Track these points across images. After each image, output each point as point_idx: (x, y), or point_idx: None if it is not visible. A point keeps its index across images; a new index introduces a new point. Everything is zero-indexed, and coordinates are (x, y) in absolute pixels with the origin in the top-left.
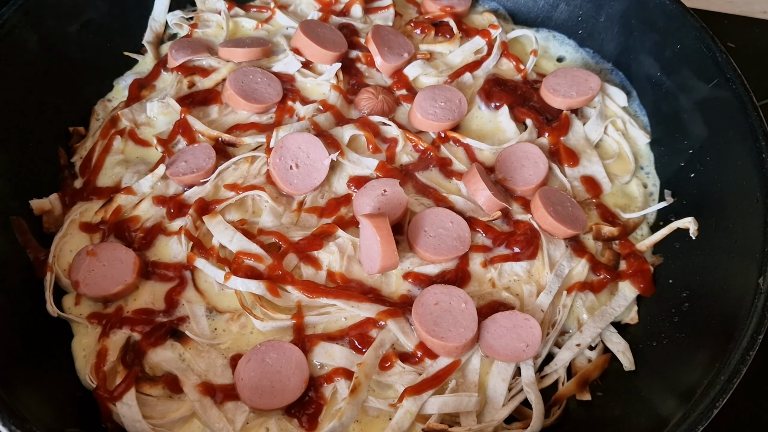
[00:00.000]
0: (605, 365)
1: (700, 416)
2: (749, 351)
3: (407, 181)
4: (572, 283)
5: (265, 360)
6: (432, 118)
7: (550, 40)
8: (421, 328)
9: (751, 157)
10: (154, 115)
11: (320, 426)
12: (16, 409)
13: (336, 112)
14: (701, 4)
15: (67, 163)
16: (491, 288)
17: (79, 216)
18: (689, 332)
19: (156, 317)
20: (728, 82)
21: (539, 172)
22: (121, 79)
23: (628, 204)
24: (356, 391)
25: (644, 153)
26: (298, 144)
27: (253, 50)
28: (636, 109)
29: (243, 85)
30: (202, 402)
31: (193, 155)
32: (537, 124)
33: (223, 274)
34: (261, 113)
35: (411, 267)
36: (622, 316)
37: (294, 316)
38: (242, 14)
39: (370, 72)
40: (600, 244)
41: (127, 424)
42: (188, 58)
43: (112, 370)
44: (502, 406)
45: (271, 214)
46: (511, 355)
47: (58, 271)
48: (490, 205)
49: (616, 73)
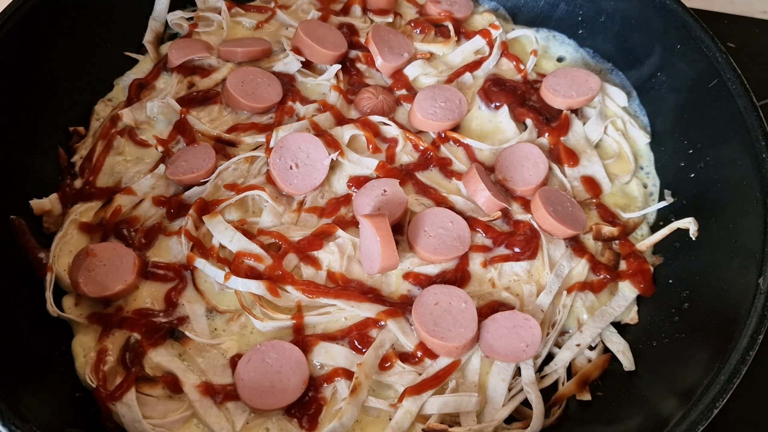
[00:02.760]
0: (605, 365)
1: (700, 416)
2: (749, 351)
3: (407, 181)
4: (572, 283)
5: (265, 360)
6: (432, 118)
7: (550, 40)
8: (421, 328)
9: (750, 157)
10: (154, 115)
11: (320, 426)
12: (16, 409)
13: (336, 112)
14: (701, 4)
15: (67, 163)
16: (491, 288)
17: (79, 216)
18: (689, 332)
19: (156, 317)
20: (728, 82)
21: (539, 172)
22: (121, 79)
23: (628, 204)
24: (356, 392)
25: (644, 153)
26: (298, 144)
27: (253, 50)
28: (636, 109)
29: (243, 85)
30: (202, 402)
31: (193, 155)
32: (537, 124)
33: (223, 274)
34: (261, 113)
35: (411, 267)
36: (622, 316)
37: (294, 316)
38: (242, 14)
39: (370, 72)
40: (600, 244)
41: (127, 424)
42: (188, 58)
43: (112, 370)
44: (502, 406)
45: (271, 214)
46: (511, 355)
47: (58, 271)
48: (489, 206)
49: (616, 73)
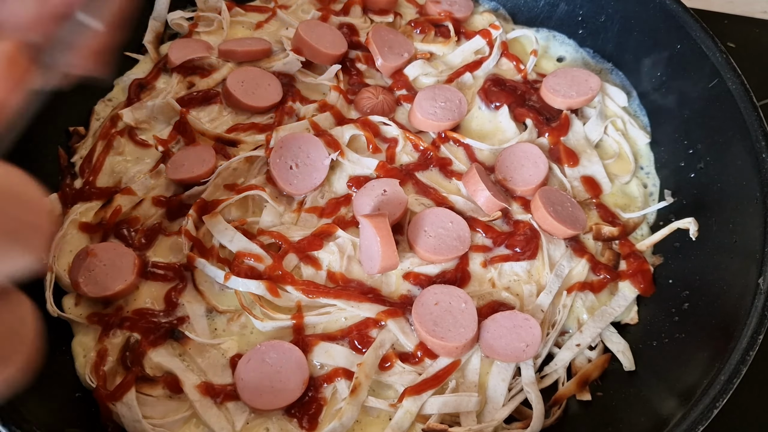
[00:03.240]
0: (605, 365)
1: (700, 416)
2: (749, 351)
3: (407, 181)
4: (572, 283)
5: (265, 360)
6: (432, 118)
7: (550, 40)
8: (421, 328)
9: (750, 157)
10: (154, 115)
11: (320, 426)
12: (16, 409)
13: (336, 112)
14: (701, 4)
15: (67, 163)
16: (491, 288)
17: (78, 216)
18: (689, 332)
19: (156, 317)
20: (728, 82)
21: (539, 172)
22: (121, 79)
23: (628, 204)
24: (356, 392)
25: (644, 153)
26: (298, 144)
27: (253, 50)
28: (636, 109)
29: (243, 85)
30: (202, 402)
31: (193, 155)
32: (537, 124)
33: (223, 274)
34: (261, 113)
35: (411, 267)
36: (622, 316)
37: (294, 316)
38: (242, 14)
39: (370, 72)
40: (600, 244)
41: (127, 424)
42: (188, 58)
43: (112, 370)
44: (502, 406)
45: (271, 214)
46: (511, 355)
47: (58, 271)
48: (489, 206)
49: (616, 73)
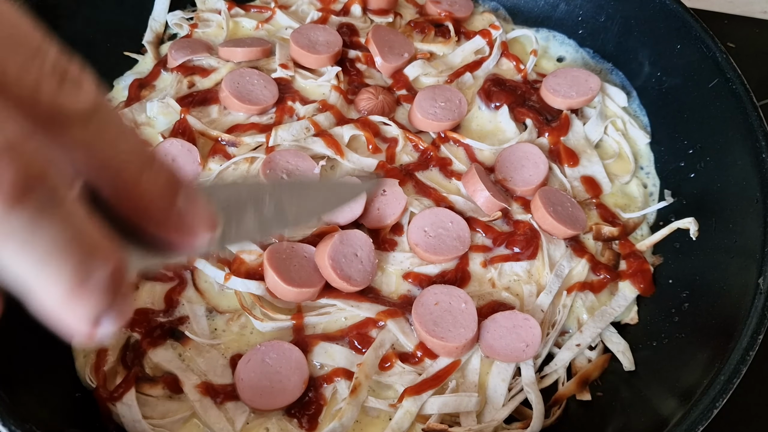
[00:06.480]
0: (605, 365)
1: (700, 416)
2: (749, 351)
3: (407, 181)
4: (572, 283)
5: (265, 360)
6: (432, 118)
7: (550, 40)
8: (421, 328)
9: (751, 157)
10: (154, 115)
11: (320, 426)
12: (16, 409)
13: (336, 112)
14: (701, 4)
15: None
16: (491, 288)
17: None
18: (689, 332)
19: (156, 317)
20: (728, 82)
21: (539, 173)
22: (121, 79)
23: (628, 204)
24: (356, 392)
25: (644, 153)
26: (285, 159)
27: (253, 50)
28: (636, 109)
29: (238, 86)
30: (202, 402)
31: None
32: (537, 124)
33: (223, 274)
34: (260, 114)
35: (411, 267)
36: (622, 316)
37: (294, 317)
38: (242, 14)
39: (370, 72)
40: (600, 244)
41: (127, 424)
42: (188, 58)
43: (112, 370)
44: (502, 406)
45: None
46: (511, 355)
47: None
48: (489, 206)
49: (616, 73)
